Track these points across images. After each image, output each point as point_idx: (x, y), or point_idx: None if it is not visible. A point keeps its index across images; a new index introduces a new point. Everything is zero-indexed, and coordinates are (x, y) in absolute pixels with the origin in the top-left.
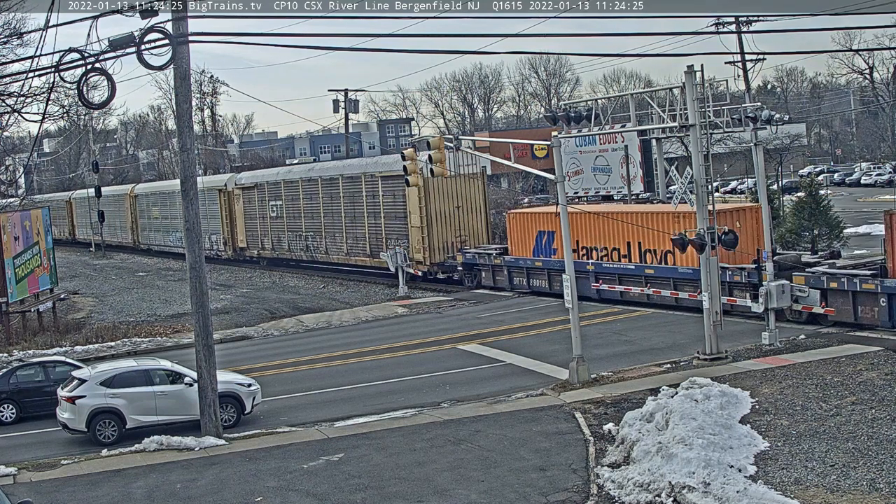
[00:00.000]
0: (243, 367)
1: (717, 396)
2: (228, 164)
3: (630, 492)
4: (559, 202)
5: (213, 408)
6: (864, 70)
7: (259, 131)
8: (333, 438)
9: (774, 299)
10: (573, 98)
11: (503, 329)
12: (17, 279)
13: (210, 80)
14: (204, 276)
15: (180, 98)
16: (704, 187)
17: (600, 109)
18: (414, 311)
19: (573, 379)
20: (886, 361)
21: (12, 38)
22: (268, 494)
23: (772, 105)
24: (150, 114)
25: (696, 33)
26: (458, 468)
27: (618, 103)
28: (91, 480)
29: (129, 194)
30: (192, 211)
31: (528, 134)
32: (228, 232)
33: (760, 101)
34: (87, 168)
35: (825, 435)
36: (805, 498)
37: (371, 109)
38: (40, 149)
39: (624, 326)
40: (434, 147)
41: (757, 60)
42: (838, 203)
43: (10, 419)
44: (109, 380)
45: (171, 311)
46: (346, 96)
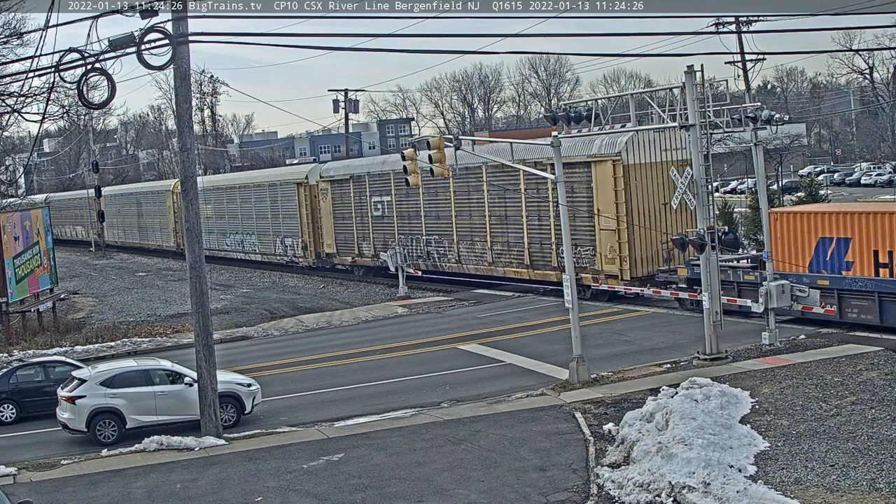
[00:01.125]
0: (243, 367)
1: (717, 396)
2: (228, 164)
3: (630, 492)
4: (560, 202)
5: (213, 408)
6: (864, 70)
7: (259, 131)
8: (333, 438)
9: (774, 299)
10: (573, 98)
11: (503, 329)
12: (17, 279)
13: (210, 80)
14: (204, 276)
15: (180, 98)
16: (704, 187)
17: (600, 109)
18: (414, 311)
19: (573, 379)
20: (886, 361)
21: (12, 38)
22: (268, 494)
23: (772, 105)
24: (150, 114)
25: (696, 33)
26: (458, 468)
27: (618, 103)
28: (91, 480)
29: (172, 191)
30: (192, 211)
31: (528, 134)
32: (310, 234)
33: (760, 101)
34: (87, 168)
35: (825, 435)
36: (805, 498)
37: (371, 109)
38: (40, 149)
39: (624, 326)
40: (434, 147)
41: (757, 60)
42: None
43: (10, 419)
44: (109, 380)
45: (171, 311)
46: (346, 96)
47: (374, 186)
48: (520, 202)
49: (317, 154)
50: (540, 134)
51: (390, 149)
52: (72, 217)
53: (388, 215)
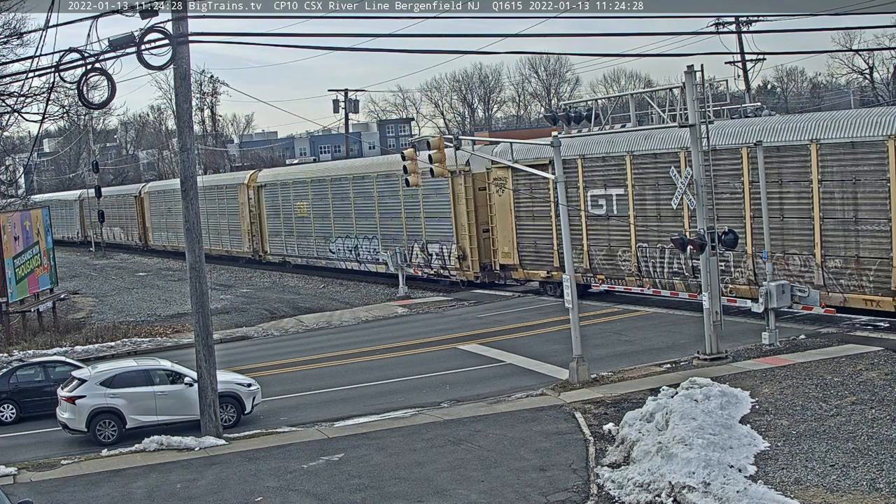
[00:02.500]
0: (243, 367)
1: (717, 396)
2: (228, 164)
3: (630, 492)
4: (560, 202)
5: (213, 408)
6: (864, 70)
7: (259, 131)
8: (333, 438)
9: (774, 299)
10: (573, 98)
11: (503, 329)
12: (17, 279)
13: (210, 80)
14: (204, 276)
15: (180, 98)
16: (704, 187)
17: (600, 109)
18: (414, 311)
19: (573, 379)
20: (886, 361)
21: (12, 38)
22: (268, 494)
23: (772, 105)
24: (150, 114)
25: (696, 33)
26: (458, 468)
27: (618, 103)
28: (91, 480)
29: (246, 183)
30: (192, 211)
31: (529, 134)
32: (473, 239)
33: (760, 101)
34: (87, 168)
35: (825, 435)
36: (805, 498)
37: (371, 109)
38: (40, 149)
39: (624, 326)
40: (434, 147)
41: (757, 60)
42: None
43: (10, 419)
44: (109, 380)
45: (171, 311)
46: (346, 96)
47: (595, 173)
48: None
49: (317, 154)
50: (540, 134)
51: (390, 149)
52: (115, 218)
53: (622, 215)
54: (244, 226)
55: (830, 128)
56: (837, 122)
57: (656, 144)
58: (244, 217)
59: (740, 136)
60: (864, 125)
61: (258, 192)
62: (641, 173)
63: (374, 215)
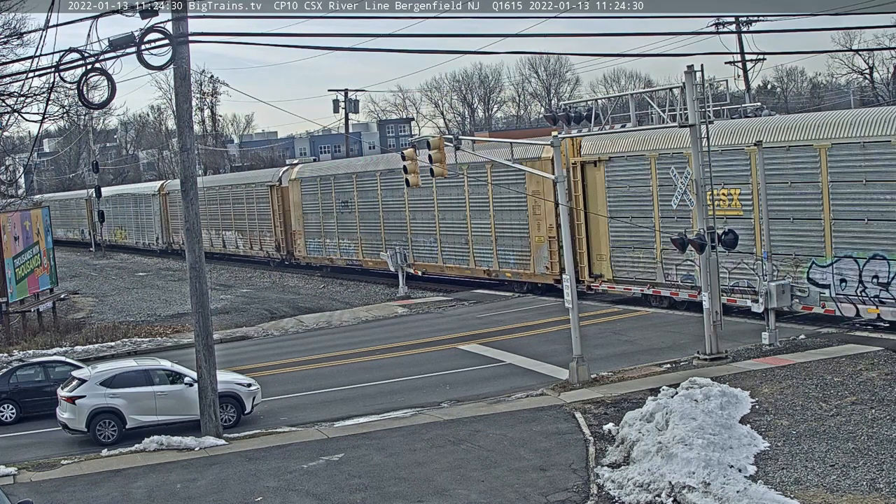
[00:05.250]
0: (243, 367)
1: (717, 396)
2: (228, 165)
3: (630, 492)
4: (560, 202)
5: (213, 408)
6: (864, 70)
7: (259, 131)
8: (333, 438)
9: (774, 299)
10: (573, 98)
11: (503, 329)
12: (17, 279)
13: (210, 80)
14: (204, 276)
15: (180, 98)
16: (704, 187)
17: (600, 109)
18: (414, 311)
19: (573, 379)
20: (886, 361)
21: (12, 38)
22: (268, 494)
23: (772, 105)
24: (150, 114)
25: (696, 33)
26: (458, 468)
27: (618, 103)
28: (91, 480)
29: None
30: (192, 211)
31: (528, 134)
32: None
33: (760, 101)
34: (87, 168)
35: (825, 435)
36: (805, 498)
37: (371, 109)
38: (40, 149)
39: (624, 326)
40: (434, 147)
41: (757, 60)
42: None
43: (10, 419)
44: (109, 380)
45: (171, 311)
46: (346, 96)
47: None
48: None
49: (317, 154)
50: (540, 134)
51: (390, 149)
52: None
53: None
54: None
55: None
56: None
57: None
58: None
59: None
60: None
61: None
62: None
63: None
